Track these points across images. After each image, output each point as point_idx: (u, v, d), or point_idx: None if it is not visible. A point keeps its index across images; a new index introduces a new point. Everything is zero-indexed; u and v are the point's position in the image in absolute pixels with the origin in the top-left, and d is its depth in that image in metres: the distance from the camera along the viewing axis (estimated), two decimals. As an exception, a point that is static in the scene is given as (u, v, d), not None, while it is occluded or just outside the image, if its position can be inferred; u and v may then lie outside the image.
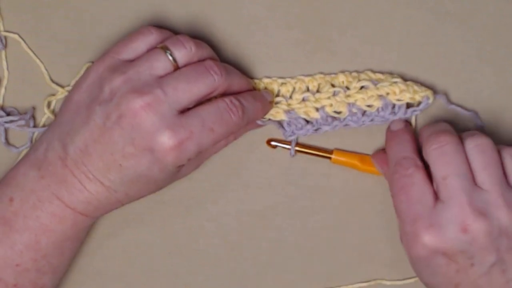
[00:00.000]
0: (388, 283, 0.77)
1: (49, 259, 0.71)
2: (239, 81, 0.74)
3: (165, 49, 0.71)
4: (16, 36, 0.78)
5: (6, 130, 0.78)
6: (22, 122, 0.77)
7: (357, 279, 0.77)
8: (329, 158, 0.77)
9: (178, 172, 0.73)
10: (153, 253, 0.78)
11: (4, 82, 0.78)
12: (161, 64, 0.71)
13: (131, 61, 0.71)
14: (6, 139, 0.78)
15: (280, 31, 0.78)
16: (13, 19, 0.78)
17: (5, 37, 0.78)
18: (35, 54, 0.78)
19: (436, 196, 0.70)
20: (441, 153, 0.70)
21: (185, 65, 0.72)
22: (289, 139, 0.77)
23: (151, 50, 0.72)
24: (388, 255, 0.77)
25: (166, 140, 0.69)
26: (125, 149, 0.69)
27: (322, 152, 0.77)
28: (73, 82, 0.78)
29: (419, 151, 0.73)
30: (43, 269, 0.71)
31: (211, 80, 0.71)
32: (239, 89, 0.74)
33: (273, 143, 0.77)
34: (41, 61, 0.78)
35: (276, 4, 0.78)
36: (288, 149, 0.77)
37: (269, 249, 0.77)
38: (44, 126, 0.78)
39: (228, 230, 0.77)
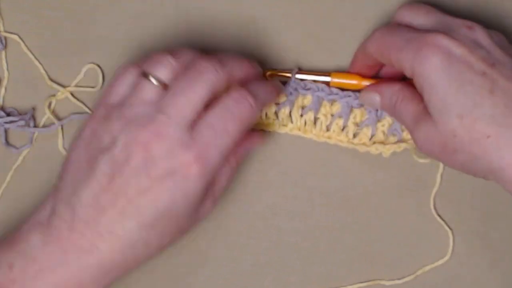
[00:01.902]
0: (388, 283, 0.77)
1: None
2: (239, 66, 0.70)
3: (146, 75, 0.67)
4: (16, 37, 0.78)
5: (6, 131, 0.78)
6: (22, 123, 0.77)
7: (357, 279, 0.77)
8: (328, 83, 0.76)
9: (201, 204, 0.69)
10: (153, 253, 0.78)
11: (4, 82, 0.78)
12: (149, 91, 0.67)
13: (121, 105, 0.68)
14: (6, 139, 0.78)
15: (280, 31, 0.78)
16: (13, 20, 0.78)
17: (5, 38, 0.78)
18: (34, 56, 0.78)
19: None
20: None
21: (174, 79, 0.68)
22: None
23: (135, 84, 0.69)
24: (388, 255, 0.77)
25: (185, 155, 0.65)
26: (141, 185, 0.65)
27: (321, 74, 0.76)
28: (73, 83, 0.78)
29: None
30: None
31: (206, 80, 0.67)
32: (242, 74, 0.70)
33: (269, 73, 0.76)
34: (40, 63, 0.78)
35: (276, 4, 0.78)
36: (288, 77, 0.76)
37: (269, 249, 0.77)
38: (44, 126, 0.78)
39: (228, 230, 0.77)
